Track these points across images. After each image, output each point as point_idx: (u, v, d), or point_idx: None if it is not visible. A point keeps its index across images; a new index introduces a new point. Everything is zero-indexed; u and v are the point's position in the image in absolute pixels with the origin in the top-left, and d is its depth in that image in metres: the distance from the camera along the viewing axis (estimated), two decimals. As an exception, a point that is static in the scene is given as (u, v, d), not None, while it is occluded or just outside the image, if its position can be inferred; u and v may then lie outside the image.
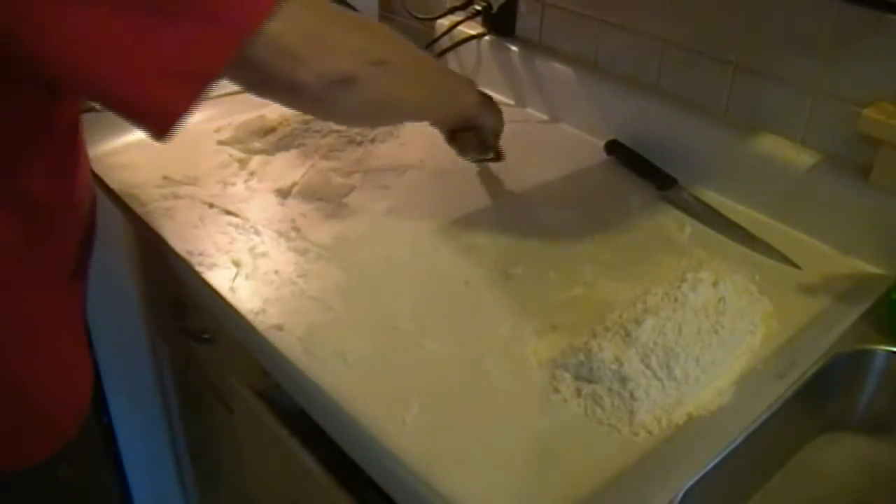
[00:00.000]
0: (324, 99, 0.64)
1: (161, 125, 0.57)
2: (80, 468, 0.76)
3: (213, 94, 0.57)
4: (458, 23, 1.17)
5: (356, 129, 1.04)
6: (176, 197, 0.88)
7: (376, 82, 0.67)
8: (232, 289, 0.75)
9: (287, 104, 0.70)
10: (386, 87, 0.69)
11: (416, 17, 1.21)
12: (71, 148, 0.69)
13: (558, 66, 1.07)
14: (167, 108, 0.56)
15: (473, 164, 0.96)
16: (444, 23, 1.19)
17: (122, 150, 0.95)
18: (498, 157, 0.93)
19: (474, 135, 0.88)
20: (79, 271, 0.74)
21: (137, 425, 0.77)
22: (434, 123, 0.88)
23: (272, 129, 1.02)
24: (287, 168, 0.94)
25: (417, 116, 0.84)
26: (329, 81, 0.63)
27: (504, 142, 0.92)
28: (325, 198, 0.89)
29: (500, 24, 1.15)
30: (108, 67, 0.54)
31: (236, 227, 0.84)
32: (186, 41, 0.55)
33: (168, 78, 0.55)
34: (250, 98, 0.67)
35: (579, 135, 1.06)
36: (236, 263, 0.78)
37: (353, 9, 1.18)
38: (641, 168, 0.96)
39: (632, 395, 0.62)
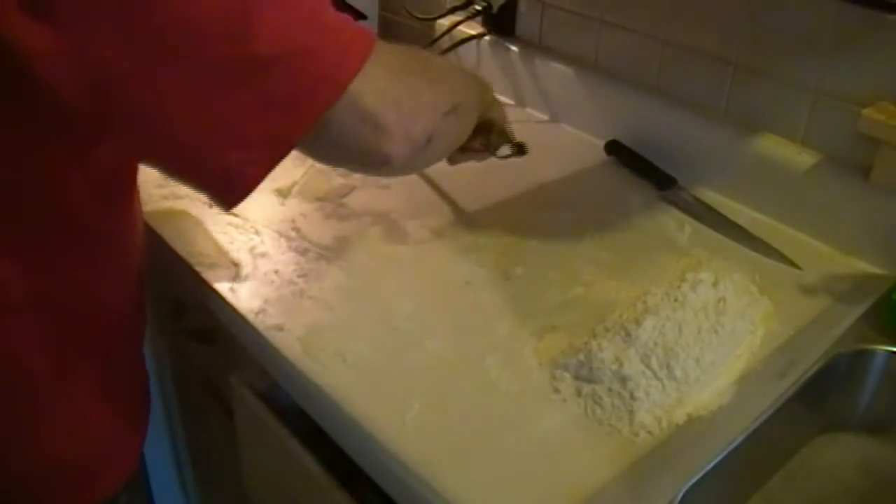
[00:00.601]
0: (407, 165, 0.62)
1: (233, 192, 0.54)
2: None
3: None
4: (459, 23, 1.17)
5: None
6: (176, 197, 0.88)
7: (450, 130, 0.66)
8: (232, 289, 0.75)
9: (366, 172, 0.69)
10: (458, 130, 0.69)
11: (416, 17, 1.21)
12: (120, 169, 0.65)
13: (558, 66, 1.07)
14: (242, 174, 0.53)
15: (494, 159, 0.87)
16: (444, 23, 1.19)
17: (122, 150, 0.94)
18: (522, 148, 0.87)
19: (493, 132, 0.82)
20: (138, 312, 0.72)
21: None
22: None
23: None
24: (287, 168, 0.93)
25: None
26: (414, 148, 0.60)
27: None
28: (325, 198, 0.89)
29: (500, 24, 1.15)
30: (182, 128, 0.50)
31: (236, 227, 0.84)
32: (268, 104, 0.51)
33: (245, 144, 0.52)
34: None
35: (579, 135, 1.06)
36: (236, 263, 0.78)
37: (354, 9, 1.18)
38: (641, 168, 0.96)
39: (632, 395, 0.62)
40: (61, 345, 0.62)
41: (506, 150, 0.85)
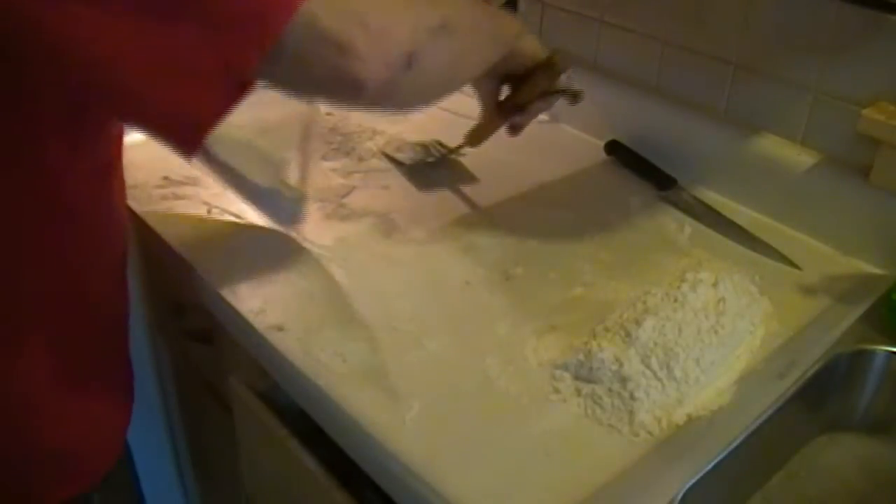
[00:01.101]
0: (386, 91, 0.56)
1: (188, 135, 0.52)
2: None
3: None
4: (458, 23, 1.17)
5: (355, 129, 1.04)
6: (176, 197, 0.88)
7: (439, 52, 0.59)
8: (232, 289, 0.75)
9: (343, 105, 0.62)
10: (449, 53, 0.61)
11: (416, 17, 1.21)
12: (107, 151, 0.63)
13: (558, 67, 1.07)
14: (196, 113, 0.50)
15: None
16: (444, 23, 1.18)
17: (121, 150, 0.94)
18: (575, 94, 0.82)
19: (539, 73, 0.76)
20: (122, 300, 0.71)
21: (137, 425, 0.77)
22: (488, 75, 0.78)
23: (272, 130, 1.02)
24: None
25: (479, 73, 0.72)
26: (392, 72, 0.54)
27: (504, 141, 0.91)
28: (325, 198, 0.89)
29: (500, 24, 1.15)
30: (130, 72, 0.48)
31: (236, 227, 0.84)
32: (213, 31, 0.48)
33: (193, 77, 0.49)
34: (249, 99, 0.63)
35: (579, 135, 1.06)
36: (236, 263, 0.78)
37: None
38: (641, 168, 0.96)
39: (632, 395, 0.62)
40: (40, 325, 0.61)
41: (562, 94, 0.81)
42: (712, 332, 0.67)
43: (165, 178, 0.91)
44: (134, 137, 0.93)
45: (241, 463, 0.84)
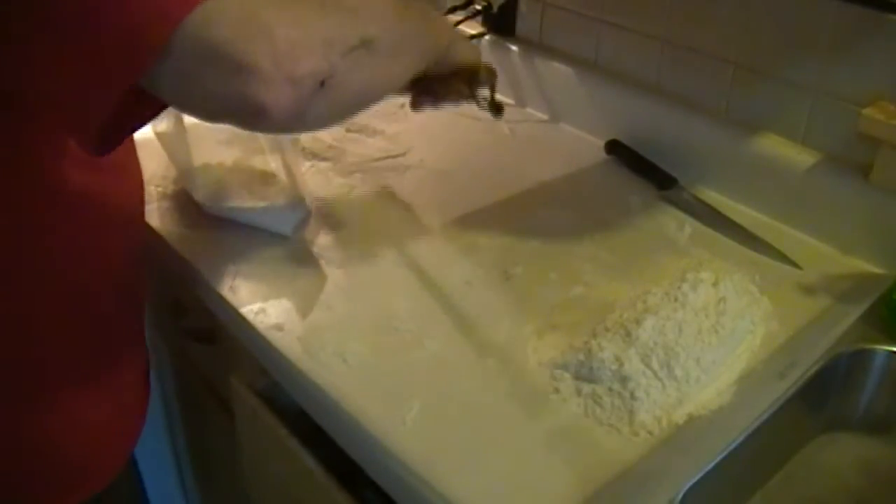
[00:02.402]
0: (295, 116, 0.49)
1: (92, 143, 0.49)
2: None
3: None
4: (458, 23, 1.16)
5: (349, 129, 1.04)
6: (176, 196, 0.88)
7: (357, 73, 0.52)
8: (232, 289, 0.75)
9: (249, 128, 0.53)
10: (368, 73, 0.54)
11: (416, 17, 1.21)
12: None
13: (558, 66, 1.07)
14: (97, 126, 0.47)
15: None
16: (444, 23, 1.19)
17: (122, 150, 0.94)
18: (497, 107, 0.80)
19: (456, 79, 0.73)
20: (138, 296, 0.68)
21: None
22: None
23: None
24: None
25: (402, 87, 0.66)
26: (300, 94, 0.47)
27: (504, 141, 0.91)
28: (325, 198, 0.89)
29: (500, 24, 1.15)
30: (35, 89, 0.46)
31: (236, 227, 0.84)
32: (100, 48, 0.44)
33: (83, 94, 0.46)
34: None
35: (579, 135, 1.06)
36: (236, 263, 0.78)
37: None
38: (641, 168, 0.96)
39: (632, 395, 0.62)
40: (57, 325, 0.60)
41: (484, 102, 0.78)
42: (712, 331, 0.67)
43: (165, 177, 0.91)
44: (132, 138, 0.93)
45: (242, 463, 0.84)
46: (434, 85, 0.73)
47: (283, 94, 0.46)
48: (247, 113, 0.47)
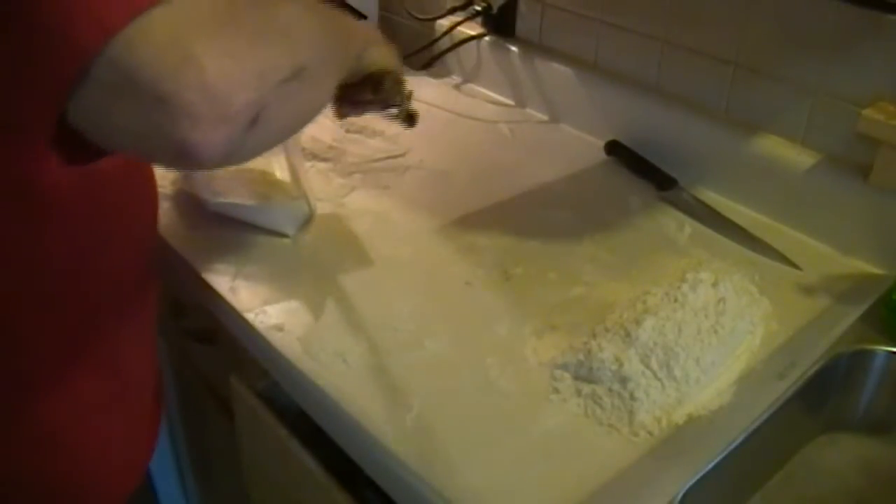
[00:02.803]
0: (225, 155, 0.44)
1: (63, 154, 0.45)
2: None
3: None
4: (458, 23, 1.17)
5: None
6: (176, 197, 0.88)
7: (291, 104, 0.48)
8: (232, 289, 0.75)
9: (172, 168, 0.48)
10: (304, 103, 0.51)
11: (416, 18, 1.21)
12: None
13: (558, 66, 1.07)
14: (28, 158, 0.44)
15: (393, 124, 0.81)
16: (444, 23, 1.19)
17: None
18: (412, 118, 0.77)
19: (386, 80, 0.70)
20: (148, 288, 0.65)
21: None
22: None
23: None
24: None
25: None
26: (232, 132, 0.42)
27: (504, 142, 0.91)
28: (325, 198, 0.89)
29: (500, 24, 1.15)
30: None
31: (236, 227, 0.84)
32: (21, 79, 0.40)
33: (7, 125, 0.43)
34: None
35: (579, 135, 1.06)
36: (236, 263, 0.78)
37: (354, 9, 1.18)
38: (641, 168, 0.96)
39: (632, 395, 0.62)
40: (66, 334, 0.59)
41: (395, 111, 0.76)
42: (712, 332, 0.67)
43: (165, 177, 0.91)
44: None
45: (242, 463, 0.84)
46: (348, 92, 0.70)
47: (214, 132, 0.41)
48: (171, 153, 0.42)
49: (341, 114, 0.74)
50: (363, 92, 0.70)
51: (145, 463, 0.72)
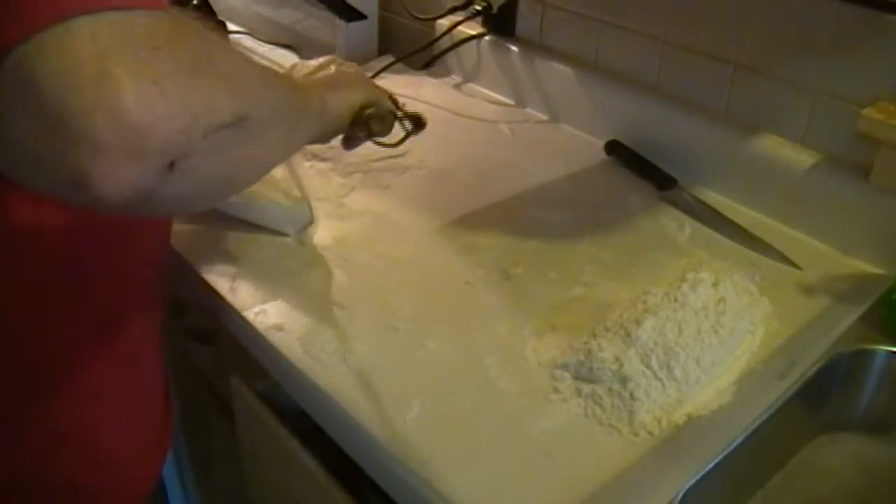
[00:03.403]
0: (133, 196, 0.37)
1: None
2: None
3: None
4: (458, 23, 1.17)
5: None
6: (176, 197, 0.88)
7: (226, 155, 0.42)
8: (232, 289, 0.75)
9: (68, 200, 0.39)
10: (248, 155, 0.45)
11: (416, 17, 1.21)
12: None
13: (558, 66, 1.07)
14: None
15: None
16: (444, 23, 1.19)
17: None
18: (419, 122, 0.79)
19: (372, 121, 0.72)
20: (158, 292, 0.65)
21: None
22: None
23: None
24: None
25: (276, 165, 0.56)
26: (142, 172, 0.37)
27: (504, 142, 0.91)
28: (325, 198, 0.89)
29: (500, 24, 1.15)
30: None
31: (236, 227, 0.84)
32: None
33: None
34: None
35: (579, 135, 1.06)
36: (236, 263, 0.78)
37: (354, 9, 1.18)
38: (641, 168, 0.96)
39: (632, 395, 0.62)
40: (76, 338, 0.59)
41: (402, 130, 0.78)
42: (712, 332, 0.67)
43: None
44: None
45: (242, 463, 0.84)
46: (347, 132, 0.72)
47: (118, 168, 0.35)
48: (65, 182, 0.36)
49: (348, 146, 0.76)
50: (357, 132, 0.73)
51: (161, 463, 0.72)
